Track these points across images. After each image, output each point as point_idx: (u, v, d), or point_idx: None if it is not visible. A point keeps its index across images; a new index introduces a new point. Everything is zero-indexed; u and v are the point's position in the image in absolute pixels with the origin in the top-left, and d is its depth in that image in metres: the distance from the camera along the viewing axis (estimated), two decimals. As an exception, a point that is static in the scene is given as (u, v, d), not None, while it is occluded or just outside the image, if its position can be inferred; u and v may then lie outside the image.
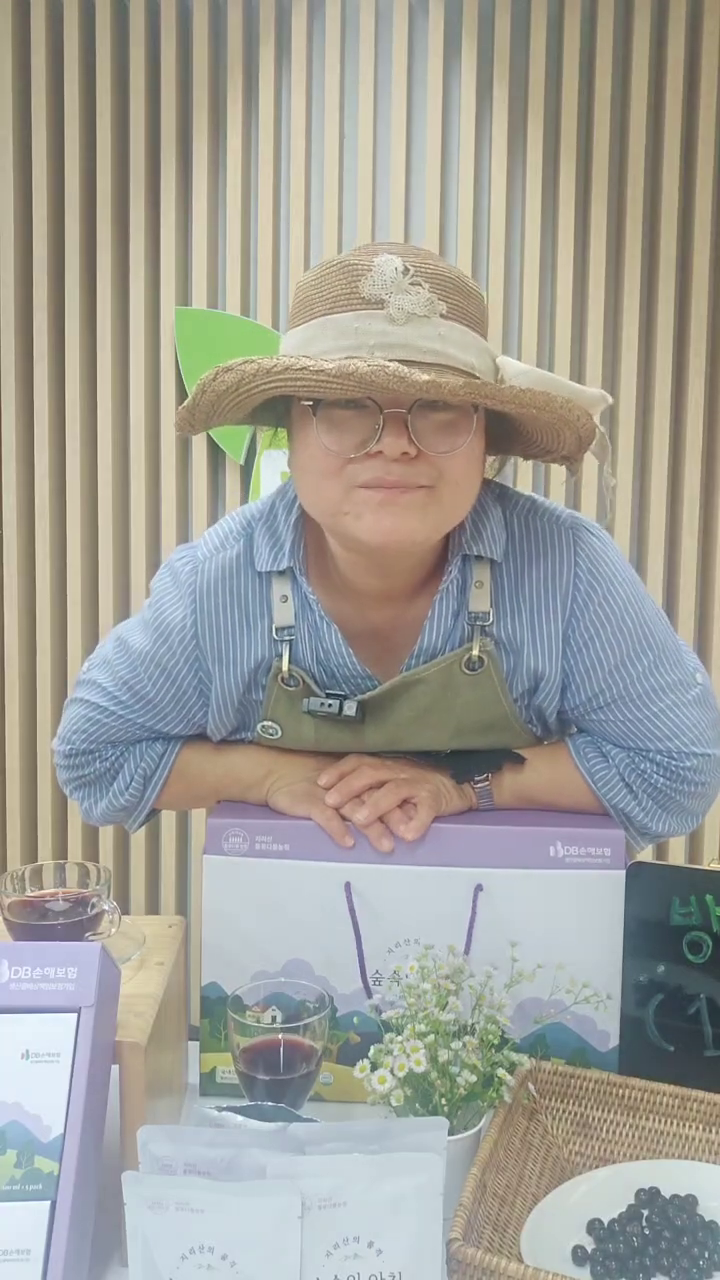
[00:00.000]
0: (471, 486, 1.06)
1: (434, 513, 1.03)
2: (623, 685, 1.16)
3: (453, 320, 0.99)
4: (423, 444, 0.99)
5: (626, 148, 2.60)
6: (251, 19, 2.63)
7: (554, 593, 1.13)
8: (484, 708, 1.17)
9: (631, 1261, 0.86)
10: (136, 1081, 0.90)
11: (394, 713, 1.17)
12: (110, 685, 1.22)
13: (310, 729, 1.19)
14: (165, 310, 2.70)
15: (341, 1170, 0.75)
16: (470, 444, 1.02)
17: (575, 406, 1.01)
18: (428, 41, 2.60)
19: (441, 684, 1.15)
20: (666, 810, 1.20)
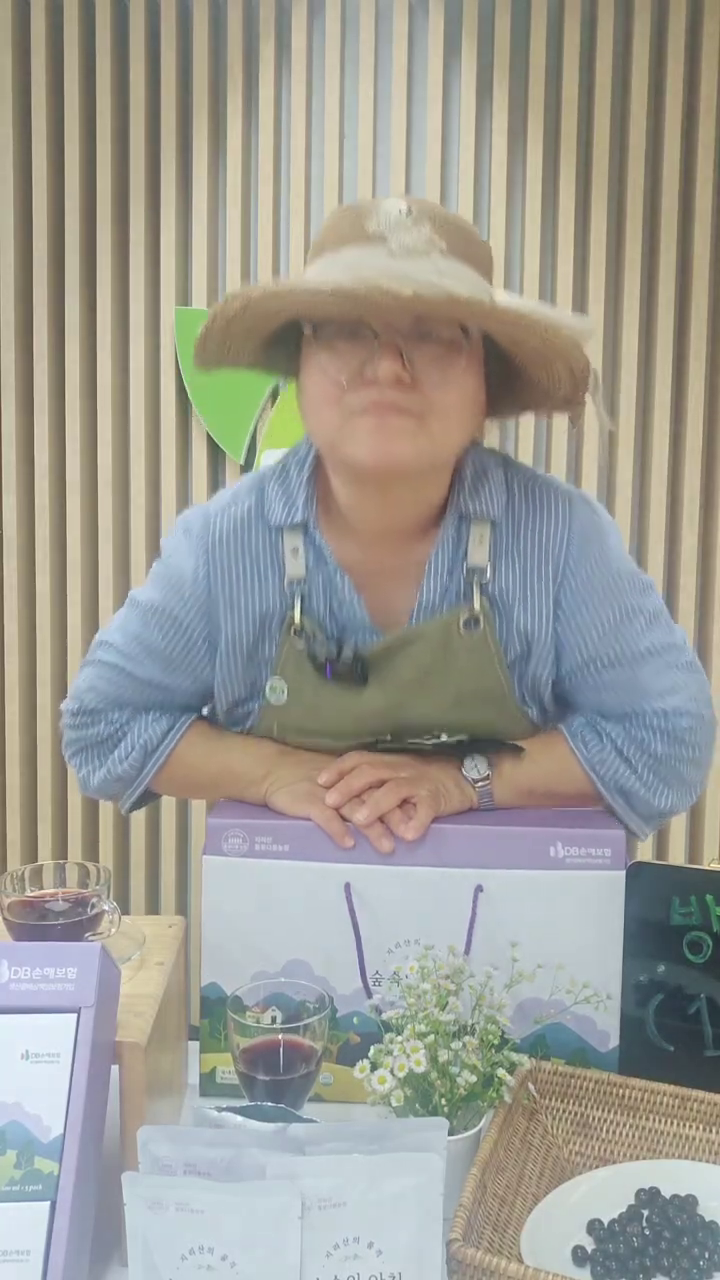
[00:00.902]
0: (461, 423, 1.08)
1: (423, 441, 1.04)
2: (617, 649, 1.19)
3: (453, 258, 1.02)
4: (416, 374, 1.02)
5: (626, 148, 2.60)
6: (251, 19, 2.63)
7: (546, 555, 1.16)
8: (481, 674, 1.19)
9: (631, 1262, 0.86)
10: (136, 1081, 0.90)
11: (395, 672, 1.18)
12: (121, 642, 1.24)
13: (315, 691, 1.19)
14: (165, 310, 2.70)
15: (341, 1170, 0.75)
16: (462, 378, 1.05)
17: (564, 334, 1.02)
18: (428, 41, 2.60)
19: (440, 643, 1.17)
20: (666, 782, 1.21)
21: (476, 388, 1.09)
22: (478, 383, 1.09)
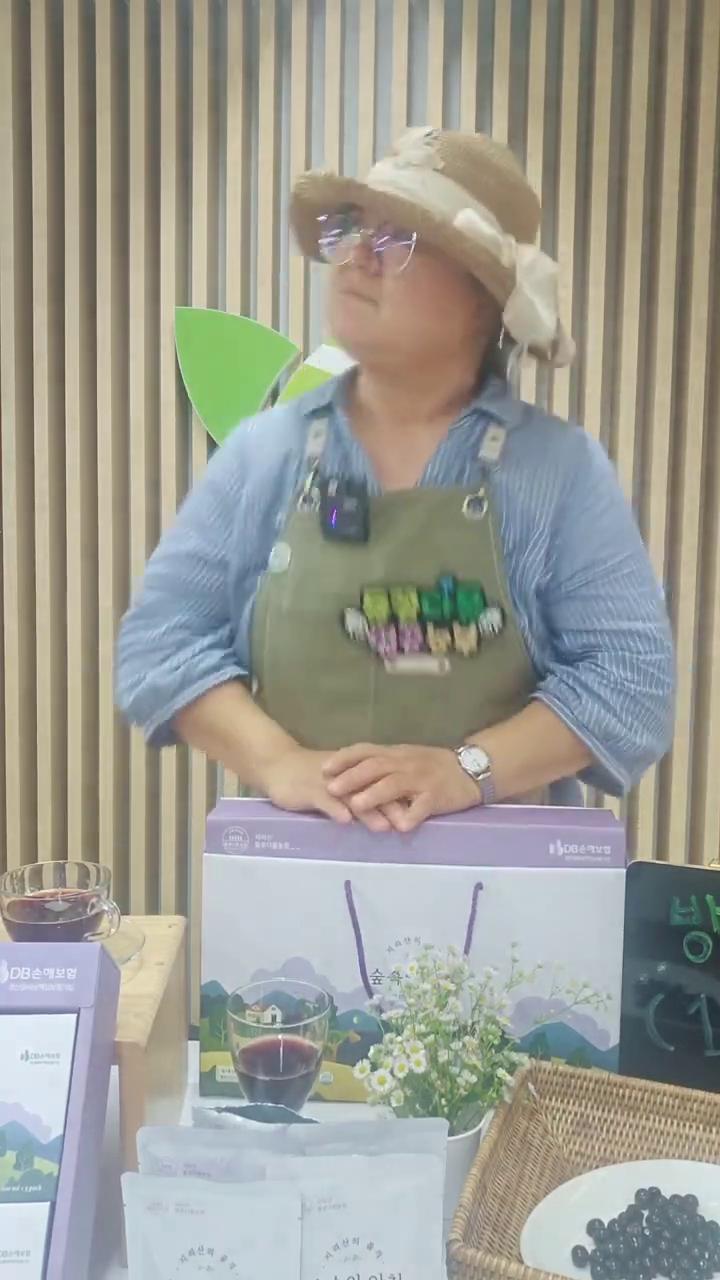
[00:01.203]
0: (413, 312, 1.20)
1: (373, 322, 1.21)
2: (613, 562, 1.27)
3: (447, 177, 1.18)
4: (381, 266, 1.19)
5: (626, 148, 2.60)
6: (251, 19, 2.63)
7: (556, 461, 1.28)
8: (474, 554, 1.24)
9: (632, 1262, 0.86)
10: (136, 1082, 0.90)
11: (395, 530, 1.25)
12: (173, 532, 1.41)
13: (315, 554, 1.26)
14: (165, 310, 2.70)
15: (341, 1171, 0.75)
16: (416, 273, 1.18)
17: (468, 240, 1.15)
18: (428, 41, 2.60)
19: (441, 510, 1.25)
20: (643, 721, 1.27)
21: (433, 288, 1.20)
22: (438, 286, 1.20)
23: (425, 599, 1.22)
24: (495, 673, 1.26)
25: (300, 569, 1.27)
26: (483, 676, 1.25)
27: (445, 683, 1.24)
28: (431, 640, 1.23)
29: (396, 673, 1.24)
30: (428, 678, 1.24)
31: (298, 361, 2.69)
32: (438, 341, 1.24)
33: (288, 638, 1.28)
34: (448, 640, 1.23)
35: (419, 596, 1.22)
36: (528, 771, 1.26)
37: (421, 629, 1.23)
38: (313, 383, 2.65)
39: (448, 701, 1.25)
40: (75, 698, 2.79)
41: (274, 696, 1.32)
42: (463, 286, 1.21)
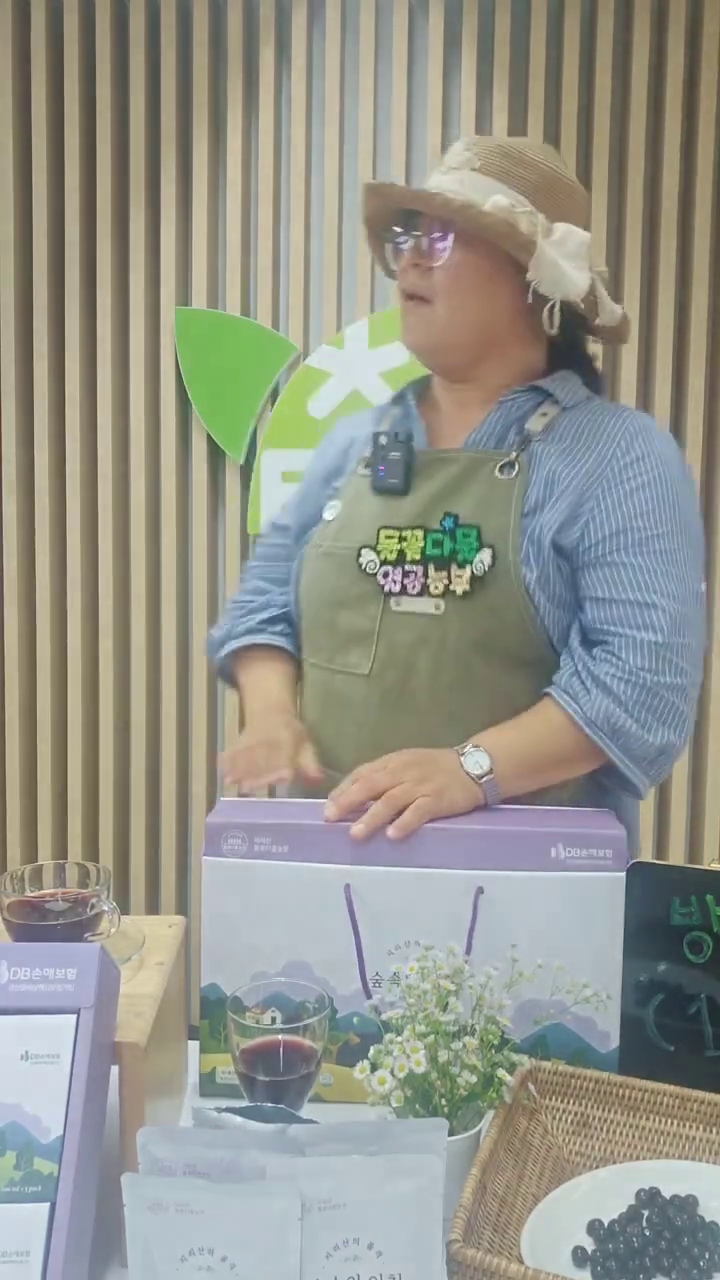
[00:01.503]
0: (460, 302, 1.31)
1: (431, 322, 1.32)
2: (646, 534, 1.26)
3: (484, 174, 1.29)
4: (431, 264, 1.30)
5: (626, 148, 2.60)
6: (251, 19, 2.63)
7: (599, 436, 1.31)
8: (492, 509, 1.29)
9: (632, 1262, 0.86)
10: (136, 1082, 0.90)
11: (430, 483, 1.33)
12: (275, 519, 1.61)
13: (360, 504, 1.37)
14: (165, 310, 2.70)
15: (341, 1171, 0.75)
16: (460, 262, 1.29)
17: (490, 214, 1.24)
18: (428, 41, 2.60)
19: (474, 466, 1.32)
20: (658, 716, 1.24)
21: (479, 276, 1.30)
22: (483, 274, 1.30)
23: (429, 538, 1.29)
24: (487, 618, 1.27)
25: (344, 516, 1.39)
26: (474, 620, 1.27)
27: (439, 624, 1.28)
28: (431, 580, 1.28)
29: (399, 611, 1.30)
30: (424, 618, 1.29)
31: (298, 361, 2.69)
32: (489, 327, 1.33)
33: (318, 575, 1.39)
34: (445, 581, 1.27)
35: (425, 536, 1.29)
36: (533, 771, 1.24)
37: (425, 570, 1.29)
38: (313, 383, 2.67)
39: (439, 644, 1.28)
40: (75, 697, 2.79)
41: (306, 633, 1.43)
42: (506, 269, 1.29)
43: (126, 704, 2.83)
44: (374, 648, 1.31)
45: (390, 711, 1.31)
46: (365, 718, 1.32)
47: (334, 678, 1.36)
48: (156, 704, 2.84)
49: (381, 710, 1.31)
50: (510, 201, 1.26)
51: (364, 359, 2.66)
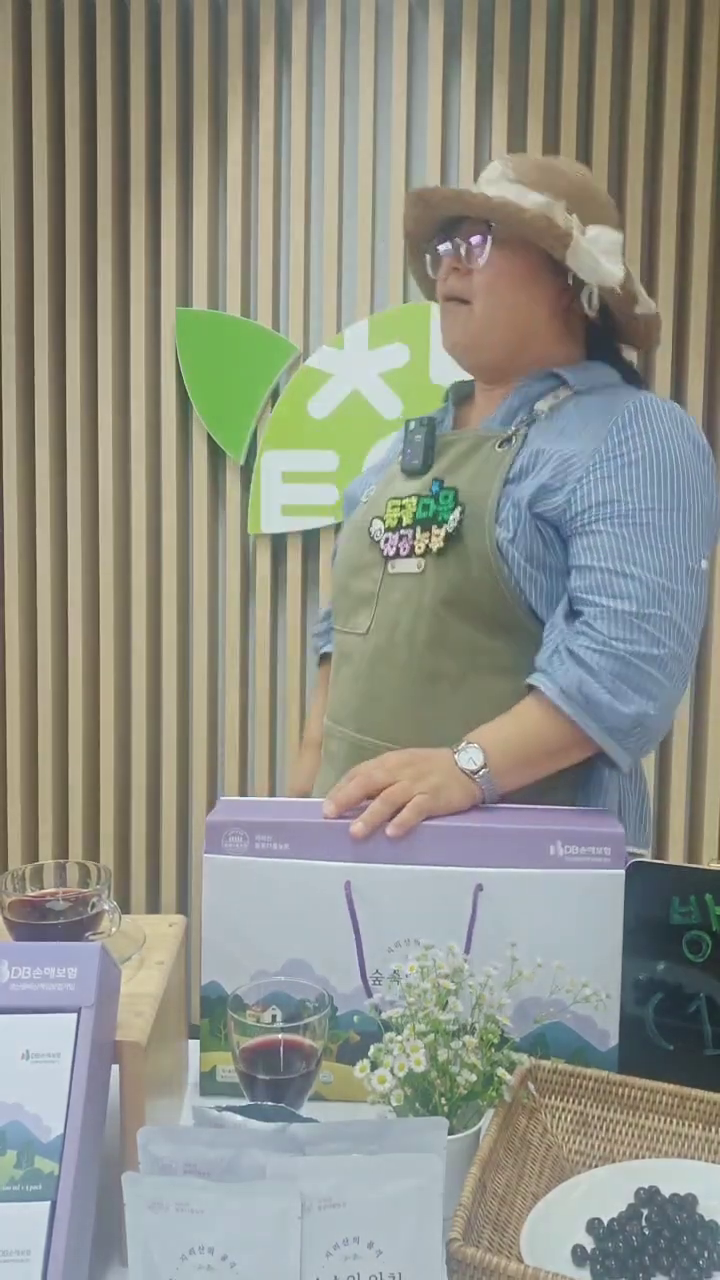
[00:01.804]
0: (499, 301, 1.37)
1: (470, 321, 1.39)
2: (633, 507, 1.27)
3: (520, 184, 1.34)
4: (469, 265, 1.37)
5: (626, 147, 2.60)
6: (251, 20, 2.63)
7: (601, 413, 1.33)
8: (481, 478, 1.34)
9: (631, 1261, 0.86)
10: (136, 1081, 0.90)
11: (440, 460, 1.41)
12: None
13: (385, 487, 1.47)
14: (165, 311, 2.70)
15: (341, 1170, 0.75)
16: (497, 262, 1.36)
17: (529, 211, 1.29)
18: (428, 41, 2.60)
19: (478, 444, 1.39)
20: (632, 686, 1.23)
21: (516, 276, 1.36)
22: (520, 274, 1.36)
23: (420, 503, 1.37)
24: (457, 575, 1.31)
25: (374, 496, 1.49)
26: (446, 576, 1.32)
27: (420, 582, 1.35)
28: (416, 541, 1.35)
29: (393, 573, 1.38)
30: (409, 577, 1.36)
31: (298, 362, 2.69)
32: (525, 325, 1.39)
33: (342, 547, 1.51)
34: (426, 541, 1.34)
35: (417, 502, 1.38)
36: (527, 763, 1.25)
37: (413, 533, 1.36)
38: (313, 383, 2.67)
39: (418, 601, 1.34)
40: (76, 696, 2.79)
41: (334, 601, 1.53)
42: (543, 269, 1.36)
43: (127, 703, 2.83)
44: (374, 609, 1.40)
45: (379, 665, 1.38)
46: (359, 672, 1.41)
47: (345, 639, 1.46)
48: (157, 703, 2.84)
49: (372, 666, 1.39)
50: (547, 200, 1.31)
51: (364, 359, 2.66)
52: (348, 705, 1.43)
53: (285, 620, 2.77)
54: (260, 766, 2.80)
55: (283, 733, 2.82)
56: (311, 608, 2.77)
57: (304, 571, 2.75)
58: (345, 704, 1.43)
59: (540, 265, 1.35)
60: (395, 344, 2.66)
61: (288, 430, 2.69)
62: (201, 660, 2.79)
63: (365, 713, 1.39)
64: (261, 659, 2.78)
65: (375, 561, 1.41)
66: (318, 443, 2.68)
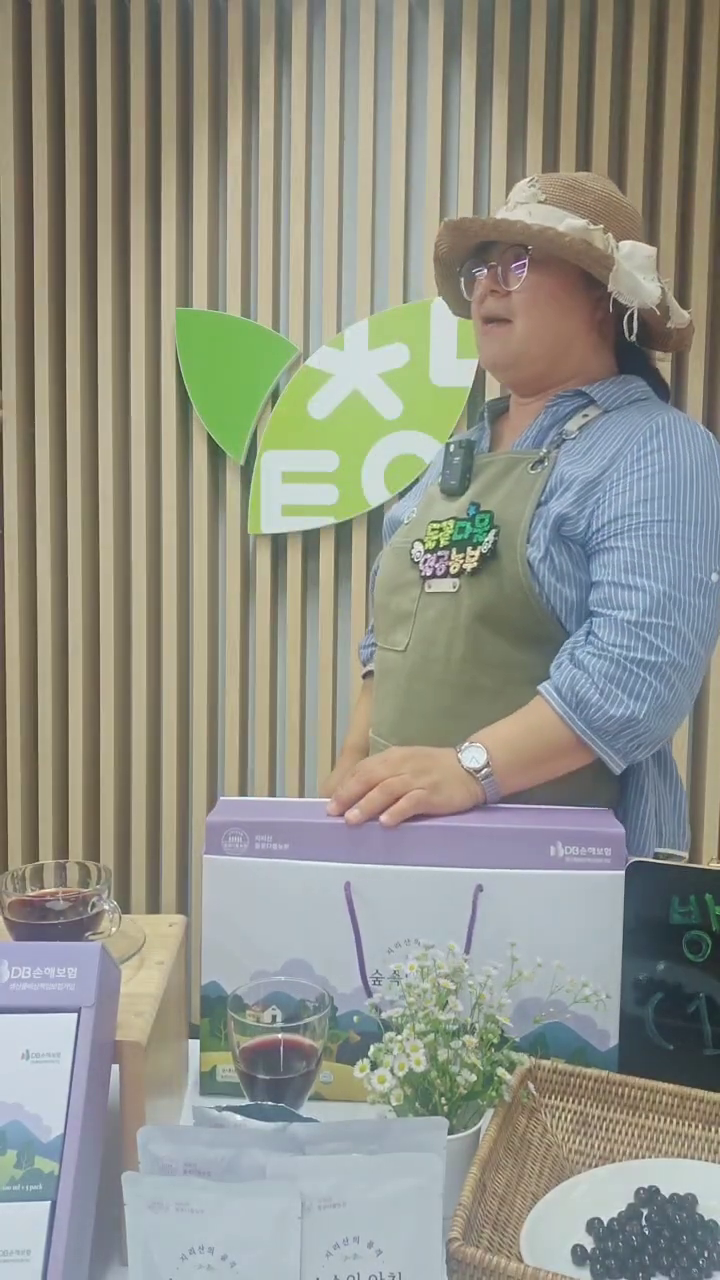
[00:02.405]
0: (540, 319, 1.41)
1: (511, 339, 1.42)
2: (645, 519, 1.29)
3: (551, 205, 1.38)
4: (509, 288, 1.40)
5: (626, 147, 2.60)
6: (251, 19, 2.64)
7: (626, 429, 1.36)
8: (514, 501, 1.38)
9: (631, 1261, 0.86)
10: (136, 1081, 0.90)
11: (476, 482, 1.46)
12: None
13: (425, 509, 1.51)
14: (165, 311, 2.70)
15: (341, 1170, 0.75)
16: (537, 285, 1.39)
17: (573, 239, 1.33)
18: (428, 41, 2.60)
19: (511, 466, 1.42)
20: (625, 689, 1.24)
21: (554, 296, 1.40)
22: (558, 292, 1.40)
23: (457, 526, 1.41)
24: (491, 593, 1.34)
25: (415, 518, 1.53)
26: (479, 594, 1.35)
27: (455, 600, 1.38)
28: (452, 562, 1.39)
29: (430, 592, 1.42)
30: (445, 596, 1.40)
31: (298, 362, 2.69)
32: (562, 340, 1.43)
33: (384, 567, 1.55)
34: (461, 561, 1.38)
35: (454, 525, 1.42)
36: (531, 763, 1.26)
37: (449, 554, 1.40)
38: (313, 383, 2.67)
39: (453, 618, 1.38)
40: (76, 696, 2.80)
41: (375, 618, 1.57)
42: (579, 285, 1.40)
43: (127, 703, 2.83)
44: (411, 626, 1.44)
45: (416, 682, 1.42)
46: (399, 687, 1.45)
47: (386, 655, 1.50)
48: (157, 703, 2.84)
49: (410, 681, 1.43)
50: (579, 220, 1.35)
51: (364, 360, 2.66)
52: (387, 720, 1.47)
53: (285, 620, 2.77)
54: (260, 766, 2.80)
55: (283, 733, 2.82)
56: (311, 608, 2.77)
57: (304, 571, 2.75)
58: (385, 718, 1.47)
59: (576, 281, 1.40)
60: (395, 344, 2.66)
61: (288, 430, 2.69)
62: (201, 660, 2.79)
63: (404, 726, 1.43)
64: (261, 659, 2.78)
65: (414, 581, 1.45)
66: (318, 443, 2.68)
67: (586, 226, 1.34)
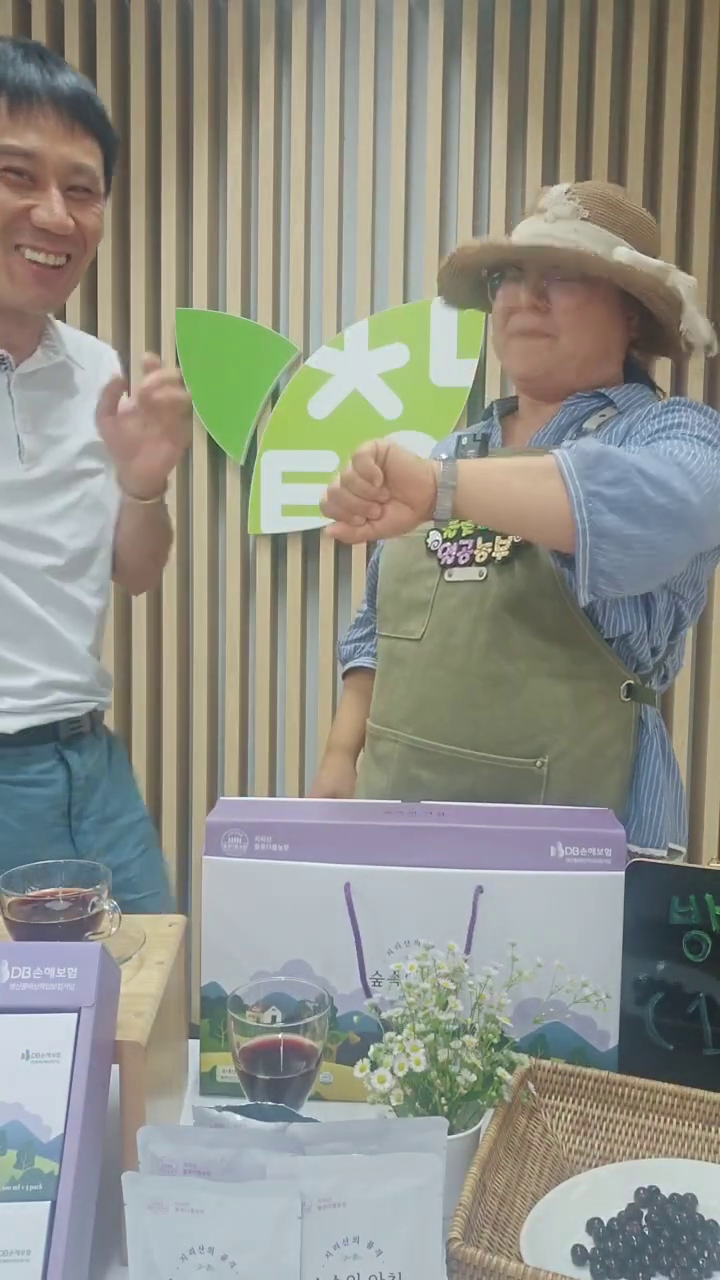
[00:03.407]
0: (585, 339, 1.40)
1: (551, 353, 1.41)
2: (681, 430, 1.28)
3: (594, 224, 1.37)
4: (551, 304, 1.39)
5: (626, 147, 2.60)
6: (251, 19, 2.64)
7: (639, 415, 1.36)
8: None
9: (631, 1261, 0.86)
10: (136, 1081, 0.90)
11: None
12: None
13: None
14: (165, 311, 2.70)
15: (341, 1170, 0.75)
16: (584, 306, 1.38)
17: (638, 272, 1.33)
18: (428, 41, 2.60)
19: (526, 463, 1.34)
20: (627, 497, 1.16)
21: (599, 314, 1.40)
22: (602, 311, 1.40)
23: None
24: (522, 583, 1.34)
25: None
26: (509, 584, 1.35)
27: (480, 590, 1.37)
28: (478, 550, 1.38)
29: (451, 581, 1.41)
30: (470, 585, 1.39)
31: (298, 362, 2.69)
32: (599, 354, 1.44)
33: (392, 556, 1.53)
34: (490, 550, 1.37)
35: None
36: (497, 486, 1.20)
37: (474, 543, 1.39)
38: (313, 383, 2.67)
39: (479, 606, 1.37)
40: (76, 698, 2.79)
41: (379, 609, 1.55)
42: (620, 305, 1.41)
43: (127, 703, 2.83)
44: (428, 615, 1.43)
45: (433, 669, 1.41)
46: (413, 675, 1.43)
47: (395, 644, 1.48)
48: (157, 703, 2.84)
49: (427, 669, 1.42)
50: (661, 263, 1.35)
51: (364, 360, 2.66)
52: (400, 708, 1.45)
53: (285, 620, 2.77)
54: (260, 766, 2.80)
55: (283, 733, 2.82)
56: (311, 608, 2.77)
57: (304, 571, 2.75)
58: (397, 707, 1.46)
59: (618, 301, 1.40)
60: (395, 344, 2.66)
61: (288, 430, 2.69)
62: (202, 660, 2.79)
63: (421, 715, 1.42)
64: (261, 659, 2.78)
65: (430, 570, 1.44)
66: (318, 443, 2.68)
67: (663, 266, 1.35)
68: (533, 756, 1.34)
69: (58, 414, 1.47)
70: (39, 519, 1.42)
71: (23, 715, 1.43)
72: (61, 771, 1.47)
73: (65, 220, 1.30)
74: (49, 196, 1.29)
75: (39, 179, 1.28)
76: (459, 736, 1.38)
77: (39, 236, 1.30)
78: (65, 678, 1.44)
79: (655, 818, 1.38)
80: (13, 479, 1.40)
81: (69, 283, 1.39)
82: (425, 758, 1.40)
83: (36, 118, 1.26)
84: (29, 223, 1.29)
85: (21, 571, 1.41)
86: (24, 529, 1.41)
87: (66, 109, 1.28)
